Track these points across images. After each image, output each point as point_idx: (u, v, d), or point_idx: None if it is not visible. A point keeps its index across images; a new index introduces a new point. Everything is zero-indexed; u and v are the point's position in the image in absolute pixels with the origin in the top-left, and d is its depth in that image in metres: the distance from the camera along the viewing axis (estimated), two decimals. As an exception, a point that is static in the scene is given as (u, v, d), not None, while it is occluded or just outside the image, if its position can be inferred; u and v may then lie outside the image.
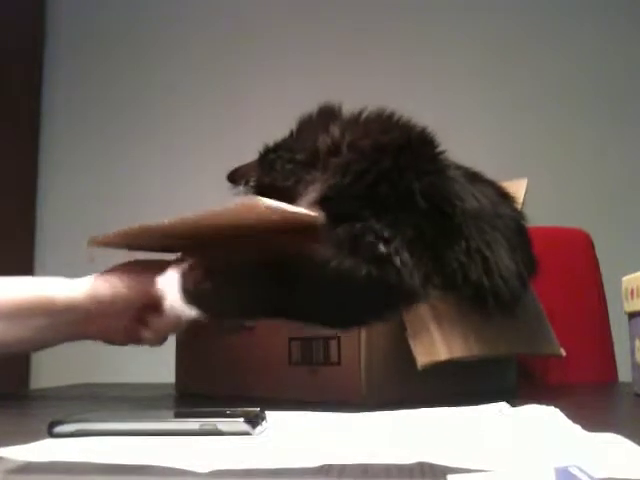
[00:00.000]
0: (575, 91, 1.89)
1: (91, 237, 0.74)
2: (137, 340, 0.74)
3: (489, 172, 0.75)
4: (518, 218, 0.73)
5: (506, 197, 0.74)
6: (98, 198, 1.94)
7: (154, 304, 0.70)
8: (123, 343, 0.76)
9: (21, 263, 1.85)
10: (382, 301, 0.62)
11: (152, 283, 0.68)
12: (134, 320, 0.73)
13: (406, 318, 0.64)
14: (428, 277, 0.62)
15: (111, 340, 0.76)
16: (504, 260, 0.67)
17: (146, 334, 0.73)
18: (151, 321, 0.72)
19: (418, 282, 0.61)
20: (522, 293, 0.71)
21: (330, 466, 0.34)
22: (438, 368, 0.64)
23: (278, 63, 1.94)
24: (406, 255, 0.61)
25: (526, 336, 0.76)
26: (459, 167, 0.71)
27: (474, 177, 0.72)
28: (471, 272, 0.65)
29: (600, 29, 1.90)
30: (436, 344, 0.64)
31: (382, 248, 0.60)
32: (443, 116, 1.84)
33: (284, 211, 0.63)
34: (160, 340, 0.75)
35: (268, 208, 0.62)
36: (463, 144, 0.72)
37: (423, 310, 0.65)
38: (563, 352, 0.82)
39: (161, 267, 0.69)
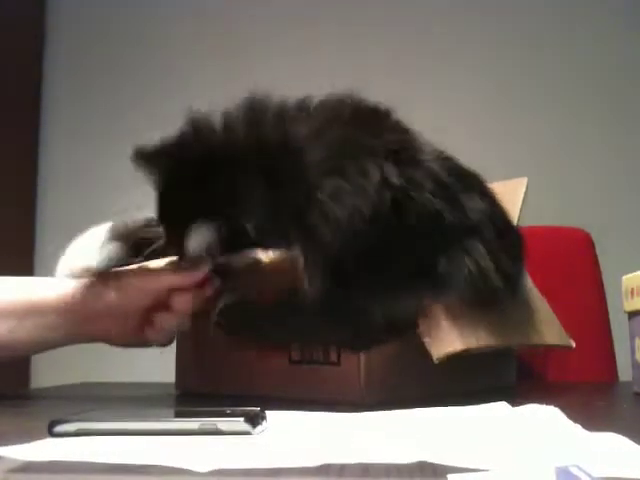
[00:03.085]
0: (575, 90, 1.89)
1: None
2: (143, 341, 0.73)
3: (489, 172, 0.74)
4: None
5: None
6: (98, 198, 1.93)
7: (162, 303, 0.71)
8: (128, 345, 0.75)
9: (21, 266, 1.85)
10: (368, 341, 0.67)
11: (160, 282, 0.70)
12: (141, 321, 0.72)
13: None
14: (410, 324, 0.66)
15: (116, 342, 0.75)
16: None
17: (153, 334, 0.72)
18: (157, 320, 0.72)
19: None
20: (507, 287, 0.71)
21: (330, 466, 0.34)
22: (438, 368, 0.64)
23: (280, 65, 1.94)
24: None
25: (537, 327, 0.76)
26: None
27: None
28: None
29: (600, 27, 1.90)
30: (451, 336, 0.65)
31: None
32: (443, 115, 1.85)
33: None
34: (167, 339, 0.74)
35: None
36: (463, 143, 0.72)
37: (435, 307, 0.66)
38: (573, 343, 0.81)
39: (169, 267, 0.71)
